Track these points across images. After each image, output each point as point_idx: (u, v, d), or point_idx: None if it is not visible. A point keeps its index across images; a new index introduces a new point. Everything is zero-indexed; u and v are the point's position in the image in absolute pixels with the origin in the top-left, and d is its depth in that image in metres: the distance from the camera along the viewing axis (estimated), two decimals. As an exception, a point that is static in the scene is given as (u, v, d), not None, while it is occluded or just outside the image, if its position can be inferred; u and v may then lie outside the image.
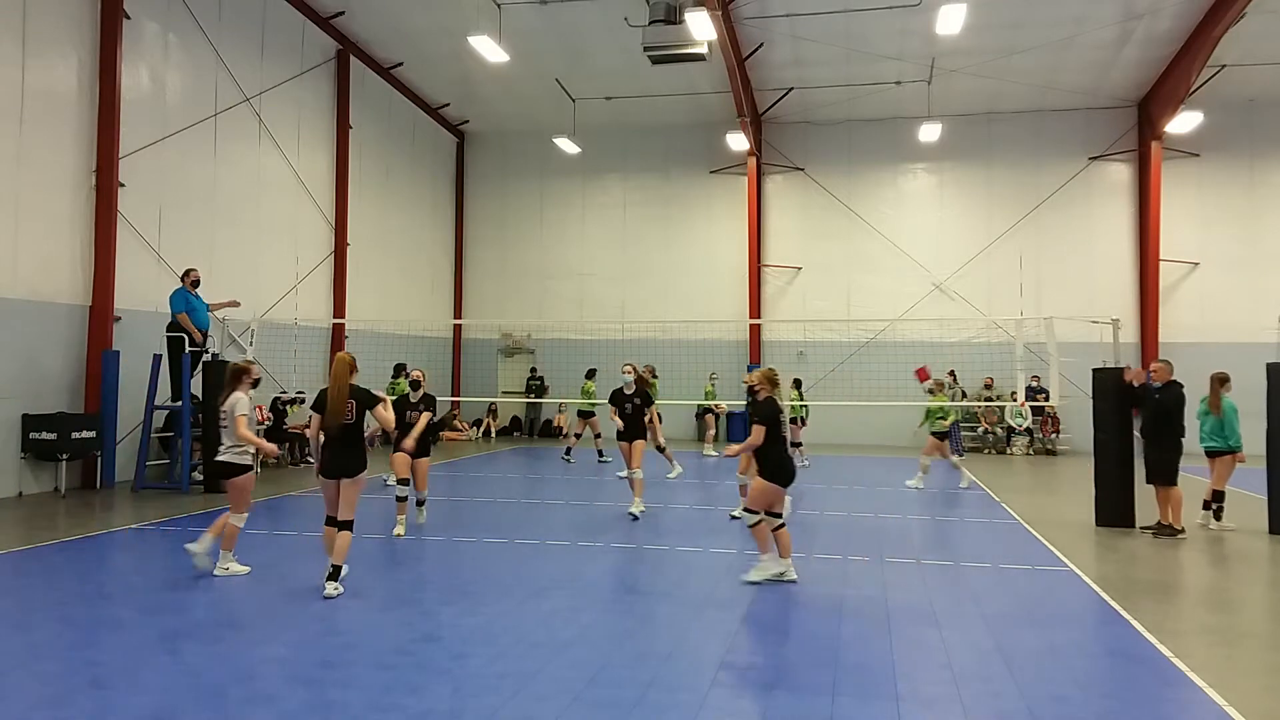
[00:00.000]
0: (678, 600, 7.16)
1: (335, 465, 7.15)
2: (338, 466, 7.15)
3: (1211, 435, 10.55)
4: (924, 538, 9.95)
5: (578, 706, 4.78)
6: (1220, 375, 10.65)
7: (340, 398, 7.14)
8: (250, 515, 8.10)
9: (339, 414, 7.13)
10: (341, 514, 7.14)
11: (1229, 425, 10.43)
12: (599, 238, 25.26)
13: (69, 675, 5.18)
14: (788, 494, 8.06)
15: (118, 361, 13.36)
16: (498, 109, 24.23)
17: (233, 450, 7.61)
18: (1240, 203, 21.89)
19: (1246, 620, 6.93)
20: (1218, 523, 10.53)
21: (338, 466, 7.15)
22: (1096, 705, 4.93)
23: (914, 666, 5.54)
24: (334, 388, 7.17)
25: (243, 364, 7.92)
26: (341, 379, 7.18)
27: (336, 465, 7.15)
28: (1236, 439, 10.43)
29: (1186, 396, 10.34)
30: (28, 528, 9.94)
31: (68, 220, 13.04)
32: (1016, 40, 19.04)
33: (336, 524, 7.15)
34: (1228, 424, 10.43)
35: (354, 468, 7.15)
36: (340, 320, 19.74)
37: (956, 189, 23.46)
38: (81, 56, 13.21)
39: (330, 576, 6.98)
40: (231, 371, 7.79)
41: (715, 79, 21.01)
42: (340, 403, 7.13)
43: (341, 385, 7.16)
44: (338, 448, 7.18)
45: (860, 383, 21.34)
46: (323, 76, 19.26)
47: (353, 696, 4.87)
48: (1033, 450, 21.27)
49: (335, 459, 7.16)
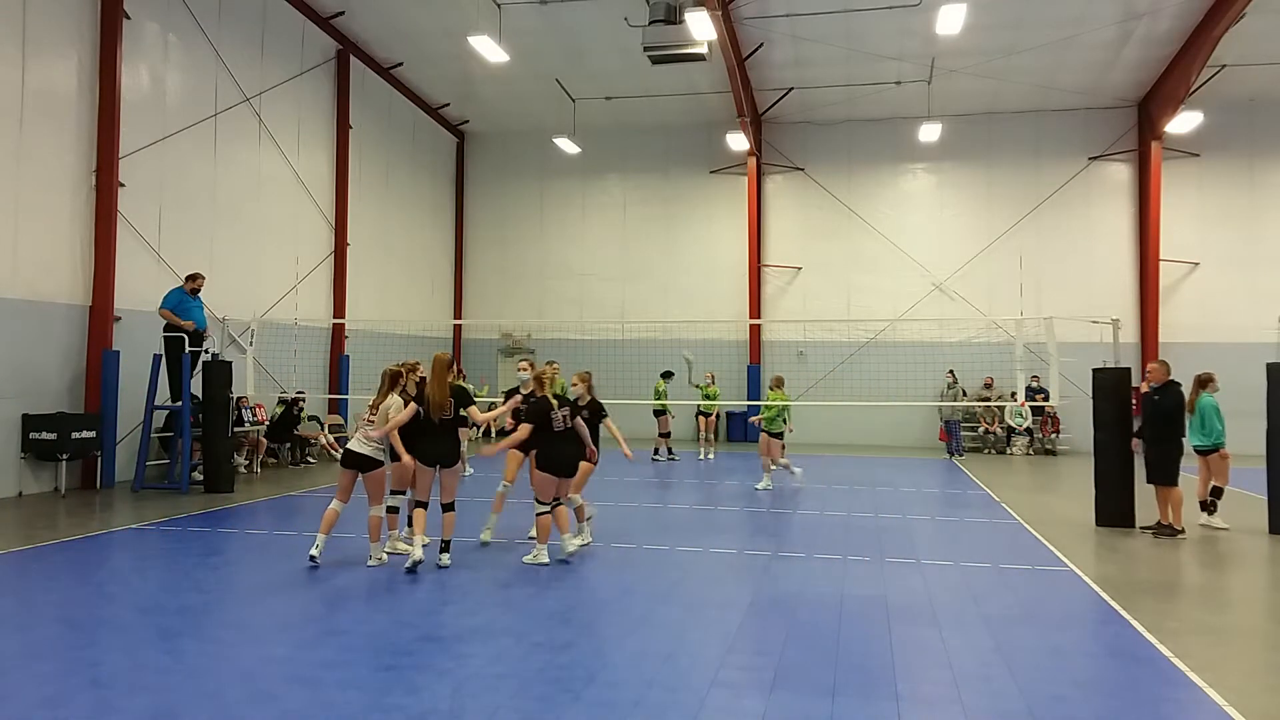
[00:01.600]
0: (678, 600, 7.16)
1: (435, 454, 8.07)
2: (437, 455, 8.07)
3: (1194, 434, 10.60)
4: (924, 538, 9.95)
5: (578, 706, 4.78)
6: (1203, 376, 10.70)
7: (443, 393, 8.01)
8: (251, 515, 8.19)
9: (442, 409, 8.01)
10: (445, 496, 8.16)
11: (1207, 423, 10.48)
12: (599, 238, 25.26)
13: (69, 675, 5.18)
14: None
15: (118, 361, 13.36)
16: (498, 109, 24.23)
17: (372, 444, 8.14)
18: (1240, 203, 21.89)
19: (1247, 620, 6.93)
20: (1207, 516, 10.55)
21: (437, 455, 8.07)
22: (1096, 705, 4.93)
23: (914, 666, 5.54)
24: (435, 384, 8.03)
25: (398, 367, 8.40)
26: (442, 376, 8.04)
27: (436, 454, 8.07)
28: (1216, 435, 10.46)
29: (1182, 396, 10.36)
30: (28, 528, 9.94)
31: (68, 220, 13.04)
32: (1016, 40, 19.04)
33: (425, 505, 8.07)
34: (1206, 422, 10.48)
35: (453, 456, 8.14)
36: (340, 320, 19.74)
37: (956, 189, 23.46)
38: (81, 56, 13.21)
39: (443, 549, 8.06)
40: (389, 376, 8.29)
41: (715, 79, 21.01)
42: (443, 398, 8.00)
43: (443, 382, 8.04)
44: (437, 439, 8.06)
45: (860, 383, 21.36)
46: (323, 76, 19.26)
47: (353, 696, 4.87)
48: (1033, 450, 21.26)
49: (435, 448, 8.07)
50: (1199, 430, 10.59)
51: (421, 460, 8.09)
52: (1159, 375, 10.40)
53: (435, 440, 8.07)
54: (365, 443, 8.11)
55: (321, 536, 8.11)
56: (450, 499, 8.20)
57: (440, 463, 8.10)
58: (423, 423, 8.03)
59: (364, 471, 8.16)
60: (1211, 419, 10.51)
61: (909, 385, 20.88)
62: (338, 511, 8.21)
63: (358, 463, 8.17)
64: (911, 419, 22.23)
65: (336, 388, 19.67)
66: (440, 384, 8.02)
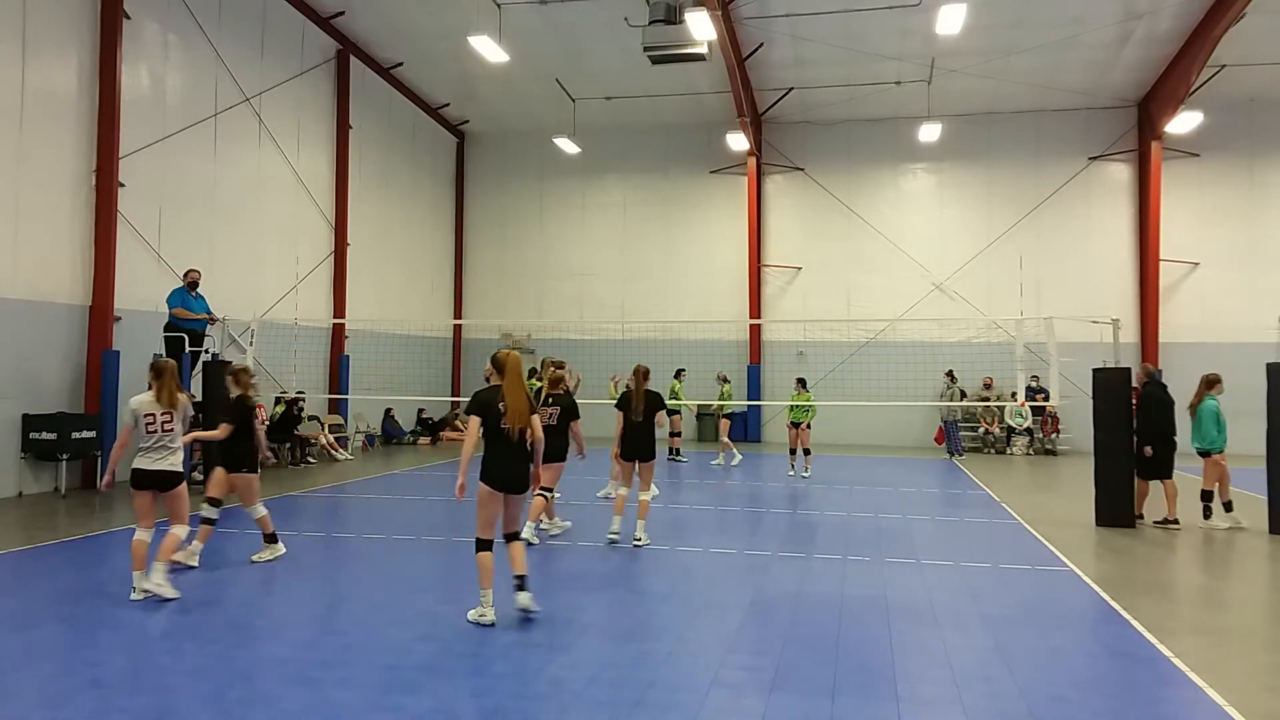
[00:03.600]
0: (678, 600, 7.17)
1: (507, 477, 6.34)
2: (508, 479, 6.35)
3: (1193, 436, 10.62)
4: (924, 538, 9.95)
5: (578, 706, 4.78)
6: (1210, 377, 10.69)
7: (523, 401, 6.39)
8: (251, 515, 8.23)
9: (522, 419, 6.36)
10: (509, 525, 6.53)
11: (1203, 427, 10.49)
12: (599, 238, 25.26)
13: (69, 675, 5.18)
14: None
15: (118, 361, 13.36)
16: (498, 109, 24.23)
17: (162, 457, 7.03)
18: (1240, 203, 21.88)
19: (1247, 620, 6.93)
20: (1206, 521, 10.55)
21: (508, 479, 6.35)
22: (1096, 705, 4.93)
23: (914, 666, 5.54)
24: (513, 388, 6.39)
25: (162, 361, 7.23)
26: (520, 378, 6.48)
27: (508, 477, 6.34)
28: (1209, 440, 10.46)
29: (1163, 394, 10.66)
30: (28, 528, 9.94)
31: (68, 220, 13.04)
32: (1016, 40, 19.03)
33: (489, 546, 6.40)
34: (1202, 426, 10.49)
35: (525, 481, 6.44)
36: (340, 320, 19.75)
37: (956, 189, 23.45)
38: (81, 56, 13.21)
39: (519, 585, 6.34)
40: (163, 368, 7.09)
41: (715, 79, 21.01)
42: (521, 405, 6.37)
43: (521, 386, 6.44)
44: (511, 457, 6.37)
45: (860, 383, 21.37)
46: (323, 76, 19.26)
47: (353, 696, 4.87)
48: (1033, 450, 21.26)
49: (507, 470, 6.35)
50: (1196, 433, 10.59)
51: (490, 484, 6.32)
52: (1138, 377, 10.89)
53: (507, 460, 6.36)
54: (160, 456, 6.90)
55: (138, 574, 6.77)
56: (516, 528, 6.56)
57: (512, 489, 6.40)
58: (494, 438, 6.39)
59: (163, 490, 6.94)
60: (1208, 424, 10.50)
61: (909, 385, 20.88)
62: (146, 542, 6.84)
63: (156, 481, 6.88)
64: (911, 419, 22.22)
65: (336, 388, 19.67)
66: (518, 388, 6.42)
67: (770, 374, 23.30)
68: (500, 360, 6.49)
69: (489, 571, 6.33)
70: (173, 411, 6.99)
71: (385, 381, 20.16)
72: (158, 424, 6.92)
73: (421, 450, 20.49)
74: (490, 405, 6.35)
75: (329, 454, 17.87)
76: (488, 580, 6.32)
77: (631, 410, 9.23)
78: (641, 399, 9.27)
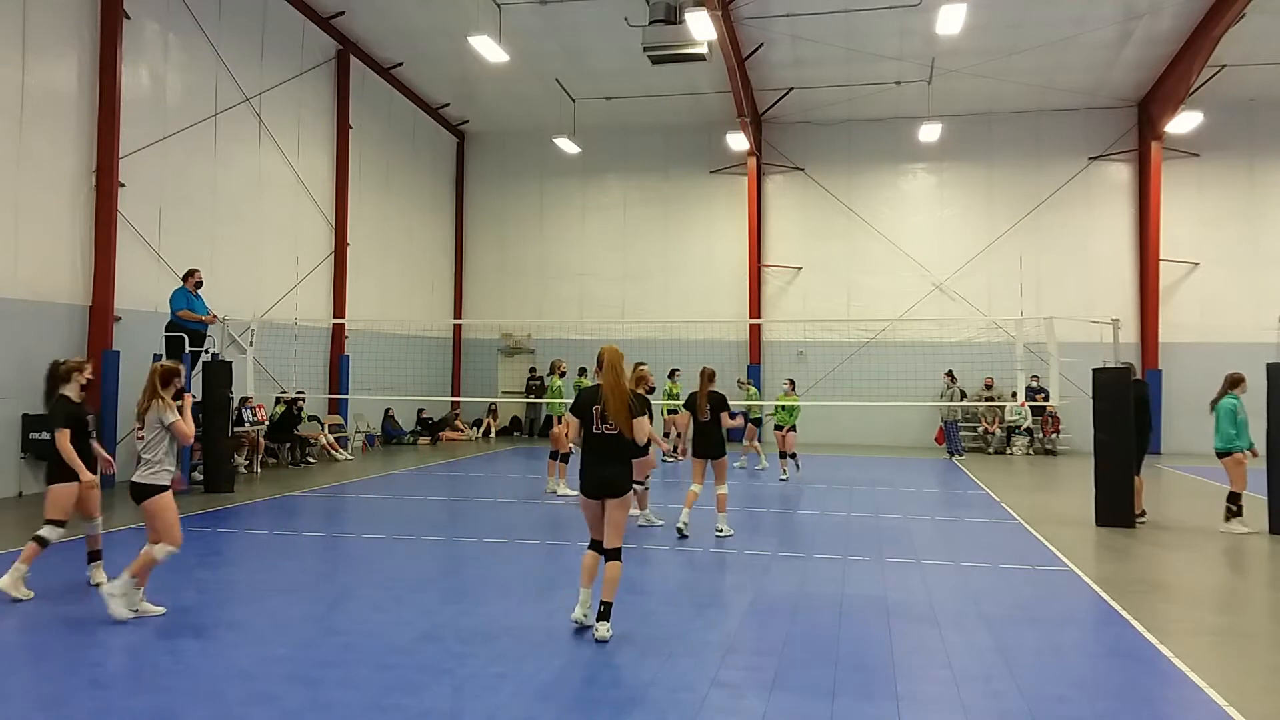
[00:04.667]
0: (677, 601, 7.17)
1: (597, 480, 6.08)
2: (601, 482, 6.08)
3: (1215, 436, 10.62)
4: (924, 538, 9.95)
5: (578, 706, 4.78)
6: (1233, 376, 10.69)
7: (623, 401, 6.07)
8: (251, 515, 8.13)
9: (616, 418, 6.08)
10: (609, 539, 6.10)
11: (1220, 425, 10.49)
12: (599, 238, 25.25)
13: (69, 675, 5.18)
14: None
15: (118, 361, 13.36)
16: (498, 109, 24.23)
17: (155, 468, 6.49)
18: (1240, 203, 21.88)
19: (1247, 620, 6.93)
20: (1225, 524, 10.53)
21: (601, 482, 6.08)
22: (1096, 705, 4.93)
23: (914, 666, 5.54)
24: (613, 387, 6.08)
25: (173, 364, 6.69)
26: (620, 374, 6.11)
27: (598, 480, 6.08)
28: (1226, 440, 10.46)
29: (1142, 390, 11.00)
30: (28, 528, 9.90)
31: (68, 220, 13.04)
32: (1016, 40, 19.03)
33: (597, 547, 6.20)
34: (1219, 424, 10.49)
35: (624, 485, 6.12)
36: (340, 320, 19.75)
37: (956, 189, 23.45)
38: (81, 56, 13.21)
39: (601, 615, 5.96)
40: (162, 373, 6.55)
41: (715, 79, 21.01)
42: (622, 403, 6.06)
43: (623, 385, 6.12)
44: (603, 460, 6.11)
45: (860, 383, 21.36)
46: (323, 76, 19.26)
47: (353, 696, 4.87)
48: (1033, 450, 21.26)
49: (599, 471, 6.08)
50: (1216, 432, 10.60)
51: (583, 490, 6.15)
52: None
53: (601, 461, 6.12)
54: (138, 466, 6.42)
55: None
56: (616, 544, 6.12)
57: (606, 493, 6.09)
58: (589, 437, 6.17)
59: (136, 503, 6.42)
60: (1225, 423, 10.50)
61: (909, 385, 20.86)
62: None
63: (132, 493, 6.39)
64: (911, 419, 22.21)
65: (336, 388, 19.68)
66: (619, 383, 6.10)
67: (770, 374, 23.28)
68: (600, 359, 6.29)
69: (587, 571, 6.22)
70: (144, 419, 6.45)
71: (385, 381, 20.15)
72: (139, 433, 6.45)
73: (421, 450, 20.48)
74: (586, 407, 6.13)
75: (329, 454, 17.87)
76: (585, 579, 6.21)
77: (698, 410, 10.02)
78: (706, 399, 9.99)
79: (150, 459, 6.38)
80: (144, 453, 6.39)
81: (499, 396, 24.72)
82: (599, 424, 6.10)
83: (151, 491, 6.35)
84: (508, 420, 25.17)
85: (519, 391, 24.76)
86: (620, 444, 6.12)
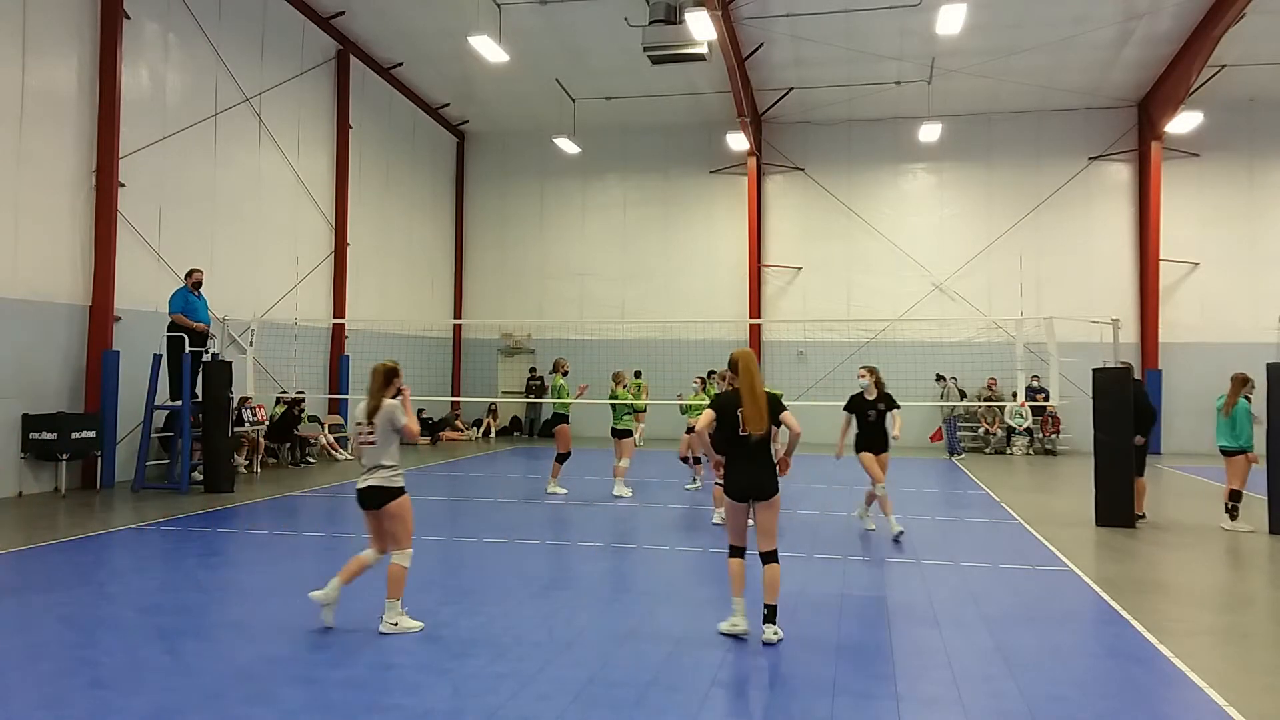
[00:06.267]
0: (678, 600, 7.16)
1: (745, 483, 6.06)
2: (749, 485, 6.06)
3: (1223, 434, 10.60)
4: (924, 538, 9.94)
5: (578, 706, 4.78)
6: (1242, 376, 10.69)
7: (761, 400, 6.07)
8: (251, 515, 8.12)
9: (759, 421, 6.03)
10: (764, 542, 6.07)
11: (1240, 425, 10.47)
12: (599, 238, 25.25)
13: (69, 675, 5.18)
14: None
15: (118, 361, 13.36)
16: (498, 109, 24.23)
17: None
18: (1240, 203, 21.87)
19: (1246, 620, 6.92)
20: (1232, 523, 10.53)
21: (749, 485, 6.06)
22: (1096, 705, 4.93)
23: (914, 666, 5.54)
24: (751, 390, 6.06)
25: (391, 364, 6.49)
26: (756, 377, 6.10)
27: (747, 483, 6.06)
28: (1247, 439, 10.47)
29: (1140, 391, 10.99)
30: (28, 528, 9.94)
31: (68, 220, 13.04)
32: (1016, 40, 19.03)
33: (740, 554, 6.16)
34: (1239, 424, 10.48)
35: (771, 486, 6.09)
36: (340, 320, 19.75)
37: (956, 189, 23.45)
38: (81, 56, 13.21)
39: (767, 618, 5.95)
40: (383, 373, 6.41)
41: (715, 79, 21.00)
42: (763, 406, 6.06)
43: (757, 383, 6.07)
44: (750, 463, 6.08)
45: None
46: (323, 76, 19.26)
47: (352, 696, 4.87)
48: (1033, 450, 21.26)
49: (747, 475, 6.06)
50: (1229, 432, 10.58)
51: (730, 493, 6.12)
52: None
53: (748, 465, 6.08)
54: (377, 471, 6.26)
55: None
56: (771, 546, 6.09)
57: (754, 496, 6.08)
58: (732, 441, 6.14)
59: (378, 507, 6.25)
60: (1244, 423, 10.53)
61: (909, 385, 20.83)
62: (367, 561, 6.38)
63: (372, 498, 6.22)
64: (911, 419, 22.16)
65: (336, 388, 19.67)
66: (755, 386, 6.07)
67: (770, 374, 23.26)
68: (734, 363, 6.20)
69: (737, 579, 6.11)
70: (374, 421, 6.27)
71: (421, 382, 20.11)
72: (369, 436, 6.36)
73: (421, 450, 20.47)
74: (727, 411, 6.09)
75: (329, 454, 17.88)
76: (736, 588, 6.10)
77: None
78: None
79: (388, 462, 6.26)
80: (381, 457, 6.24)
81: (499, 396, 24.72)
82: (744, 427, 6.04)
83: (396, 494, 6.24)
84: (508, 420, 25.17)
85: (519, 391, 24.76)
86: (765, 447, 6.11)
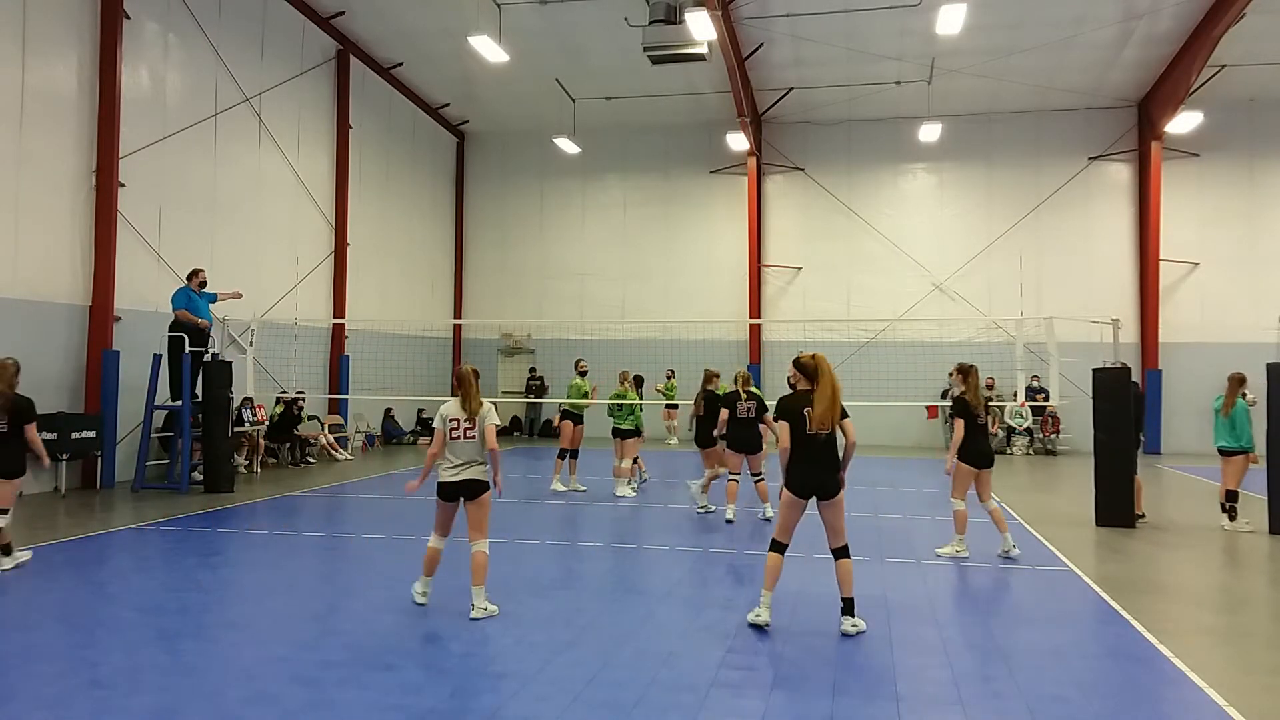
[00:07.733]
0: (678, 600, 7.16)
1: (814, 482, 6.18)
2: (815, 484, 6.19)
3: (1222, 434, 10.59)
4: (924, 538, 9.95)
5: (577, 706, 4.78)
6: (1239, 376, 10.69)
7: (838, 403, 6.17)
8: (251, 515, 8.13)
9: (826, 421, 6.15)
10: (834, 539, 6.26)
11: (1240, 425, 10.47)
12: (599, 238, 25.25)
13: (69, 675, 5.18)
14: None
15: (118, 361, 13.36)
16: (498, 109, 24.23)
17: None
18: (1240, 203, 21.88)
19: (1246, 620, 6.92)
20: (1231, 523, 10.53)
21: (815, 484, 6.19)
22: (1096, 705, 4.93)
23: (914, 666, 5.54)
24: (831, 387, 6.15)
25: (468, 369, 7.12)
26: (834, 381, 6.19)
27: (815, 482, 6.19)
28: (1248, 439, 10.47)
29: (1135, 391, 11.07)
30: (28, 528, 9.93)
31: (68, 220, 13.04)
32: (1016, 40, 19.03)
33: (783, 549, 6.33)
34: (1238, 424, 10.47)
35: (834, 485, 6.21)
36: (340, 320, 19.75)
37: (956, 189, 23.45)
38: (81, 56, 13.21)
39: (846, 610, 6.17)
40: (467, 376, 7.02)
41: (715, 79, 21.00)
42: (837, 408, 6.16)
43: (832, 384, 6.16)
44: (816, 462, 6.18)
45: (860, 383, 21.29)
46: (323, 76, 19.26)
47: (353, 696, 4.87)
48: (1033, 450, 21.27)
49: (813, 474, 6.18)
50: (1229, 432, 10.58)
51: (791, 488, 6.22)
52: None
53: (812, 463, 6.19)
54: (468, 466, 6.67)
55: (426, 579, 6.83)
56: (842, 541, 6.24)
57: (817, 494, 6.21)
58: (799, 443, 6.21)
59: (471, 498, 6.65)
60: (1244, 423, 10.53)
61: (909, 385, 20.87)
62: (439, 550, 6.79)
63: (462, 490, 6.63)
64: (911, 419, 22.23)
65: (336, 388, 19.68)
66: (836, 389, 6.18)
67: (770, 374, 23.26)
68: (809, 366, 6.28)
69: (772, 573, 6.32)
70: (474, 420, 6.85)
71: (385, 381, 20.15)
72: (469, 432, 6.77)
73: (421, 450, 20.47)
74: (795, 411, 6.21)
75: (329, 454, 17.88)
76: (769, 582, 6.32)
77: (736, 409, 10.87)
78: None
79: (481, 459, 6.73)
80: (477, 453, 6.71)
81: (499, 396, 24.70)
82: (811, 426, 6.17)
83: (488, 487, 6.68)
84: (507, 420, 25.17)
85: (519, 391, 24.76)
86: (831, 446, 6.23)
